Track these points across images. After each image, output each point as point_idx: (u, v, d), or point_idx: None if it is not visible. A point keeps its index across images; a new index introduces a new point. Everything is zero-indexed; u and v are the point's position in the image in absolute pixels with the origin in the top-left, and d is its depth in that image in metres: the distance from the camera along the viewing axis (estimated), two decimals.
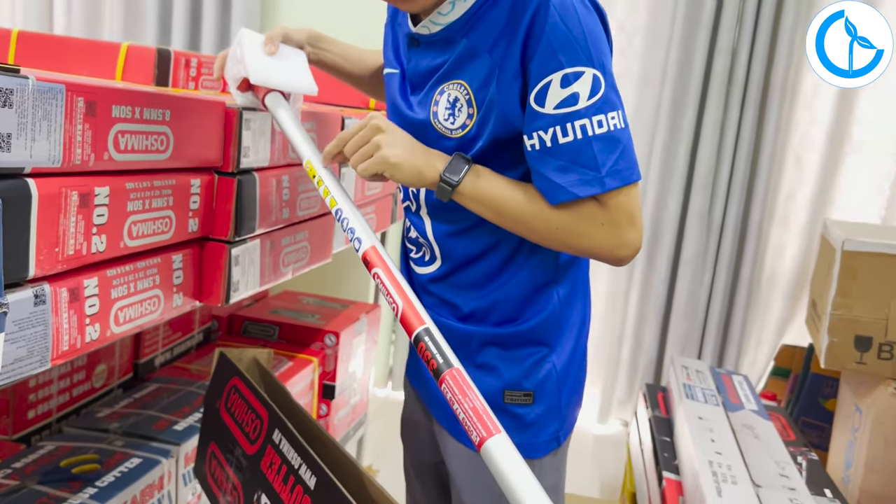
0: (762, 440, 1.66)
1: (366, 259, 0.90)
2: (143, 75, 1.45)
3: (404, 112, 1.03)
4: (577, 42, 0.87)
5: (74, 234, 0.74)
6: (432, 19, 0.98)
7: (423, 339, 0.80)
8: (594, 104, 0.87)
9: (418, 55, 1.01)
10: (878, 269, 1.90)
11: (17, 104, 0.64)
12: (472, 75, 0.93)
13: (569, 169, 0.88)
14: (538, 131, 0.89)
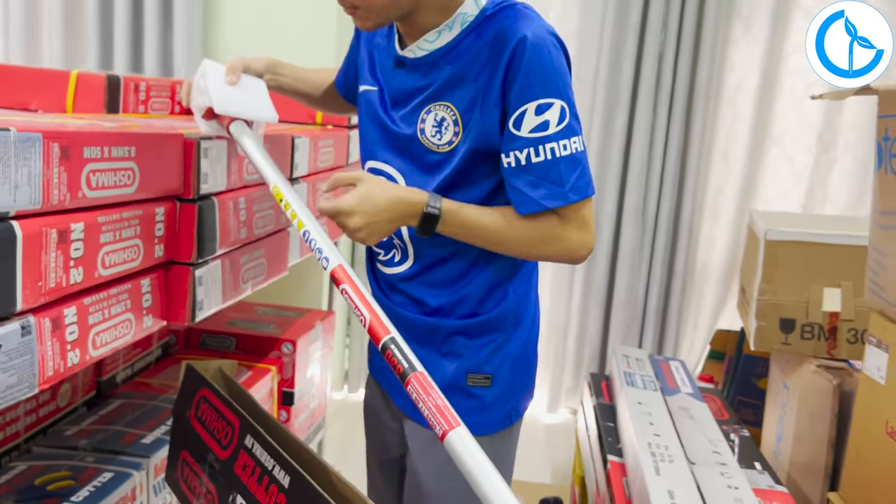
0: (697, 421, 1.79)
1: (334, 276, 0.99)
2: (94, 103, 1.49)
3: (389, 126, 1.15)
4: (549, 77, 1.03)
5: (55, 269, 0.80)
6: (419, 45, 1.11)
7: (390, 346, 0.90)
8: (561, 130, 1.04)
9: (403, 75, 1.13)
10: (798, 256, 2.05)
11: (1, 156, 0.71)
12: (459, 99, 1.07)
13: (539, 184, 1.05)
14: (514, 151, 1.05)
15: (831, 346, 2.03)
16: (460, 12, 1.08)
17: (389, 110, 1.16)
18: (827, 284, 2.05)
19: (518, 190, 1.06)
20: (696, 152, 2.71)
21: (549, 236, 1.08)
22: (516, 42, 1.02)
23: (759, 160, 2.78)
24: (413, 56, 1.12)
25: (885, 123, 1.41)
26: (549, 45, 1.04)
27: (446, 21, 1.08)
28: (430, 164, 1.11)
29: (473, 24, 1.08)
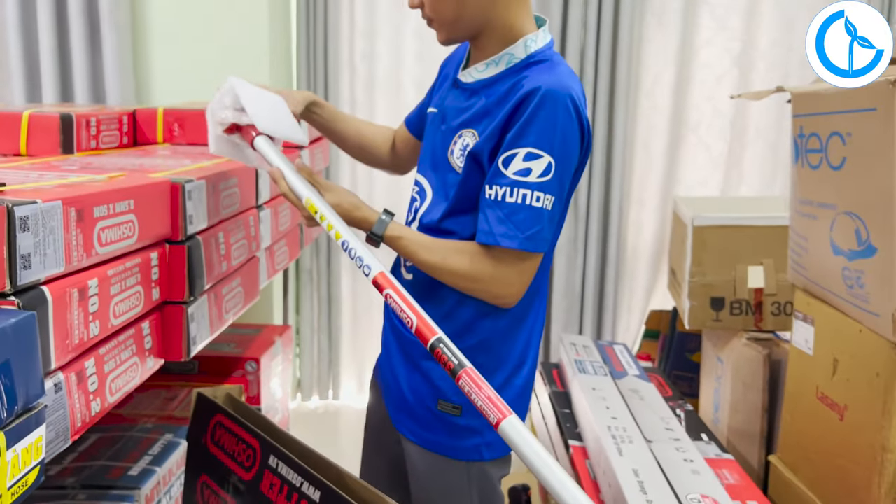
0: (647, 401, 1.93)
1: (376, 283, 1.07)
2: (48, 145, 1.50)
3: (436, 144, 1.28)
4: (548, 130, 1.12)
5: (77, 325, 0.84)
6: (470, 72, 1.25)
7: (438, 346, 0.98)
8: (540, 183, 1.12)
9: (454, 95, 1.28)
10: (724, 238, 2.22)
11: (32, 227, 0.75)
12: (483, 128, 1.19)
13: (505, 221, 1.13)
14: (496, 186, 1.14)
15: (758, 320, 2.21)
16: (508, 51, 1.20)
17: (441, 126, 1.28)
18: (750, 263, 2.23)
19: (487, 220, 1.15)
20: (620, 145, 2.87)
21: (481, 274, 1.16)
22: (531, 90, 1.12)
23: (678, 149, 2.96)
24: (464, 80, 1.26)
25: (800, 122, 1.57)
26: (561, 103, 1.12)
27: (496, 56, 1.21)
28: (449, 183, 1.24)
29: (518, 65, 1.20)
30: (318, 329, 3.07)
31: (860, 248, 1.37)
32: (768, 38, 2.86)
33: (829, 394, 1.52)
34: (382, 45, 2.89)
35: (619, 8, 2.76)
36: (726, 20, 2.85)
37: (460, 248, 1.19)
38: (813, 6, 2.81)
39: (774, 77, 2.87)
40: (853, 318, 1.42)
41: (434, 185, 1.28)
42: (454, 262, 1.17)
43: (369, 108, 2.94)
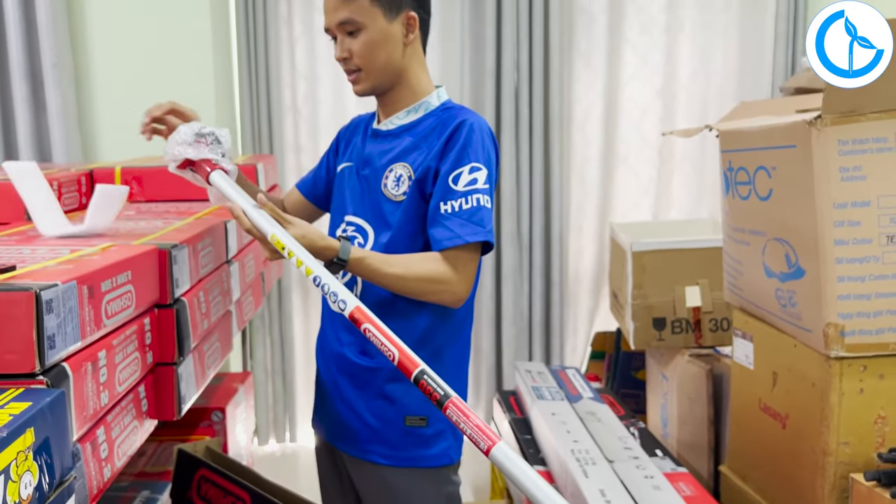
0: (603, 422, 2.04)
1: (353, 318, 1.13)
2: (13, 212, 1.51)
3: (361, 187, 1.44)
4: (481, 150, 1.36)
5: (91, 397, 0.88)
6: (391, 120, 1.44)
7: (422, 378, 1.05)
8: (485, 189, 1.35)
9: (374, 144, 1.45)
10: (661, 262, 2.36)
11: (55, 308, 0.79)
12: (413, 160, 1.38)
13: (466, 224, 1.32)
14: (451, 200, 1.33)
15: (698, 337, 2.36)
16: (425, 100, 1.43)
17: (361, 172, 1.45)
18: (687, 283, 2.37)
19: (448, 228, 1.32)
20: (557, 176, 3.01)
21: (444, 276, 1.32)
22: (460, 122, 1.37)
23: (611, 178, 3.12)
24: (385, 129, 1.45)
25: (728, 157, 1.71)
26: (485, 131, 1.39)
27: (414, 105, 1.43)
28: (387, 213, 1.39)
29: (434, 111, 1.43)
30: (272, 372, 3.09)
31: (790, 271, 1.51)
32: (687, 70, 3.06)
33: (771, 404, 1.65)
34: (324, 88, 2.97)
35: (548, 50, 2.92)
36: (647, 57, 3.04)
37: (420, 257, 1.34)
38: (726, 42, 3.04)
39: (695, 106, 3.07)
40: (788, 333, 1.56)
41: (372, 220, 1.42)
42: (418, 268, 1.32)
43: (314, 151, 3.00)
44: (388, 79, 1.40)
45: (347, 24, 1.36)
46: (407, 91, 1.43)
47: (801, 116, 1.45)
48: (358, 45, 1.36)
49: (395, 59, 1.39)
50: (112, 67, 2.55)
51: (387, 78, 1.40)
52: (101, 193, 1.22)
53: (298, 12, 2.92)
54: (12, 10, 2.37)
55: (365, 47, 1.36)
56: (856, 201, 1.37)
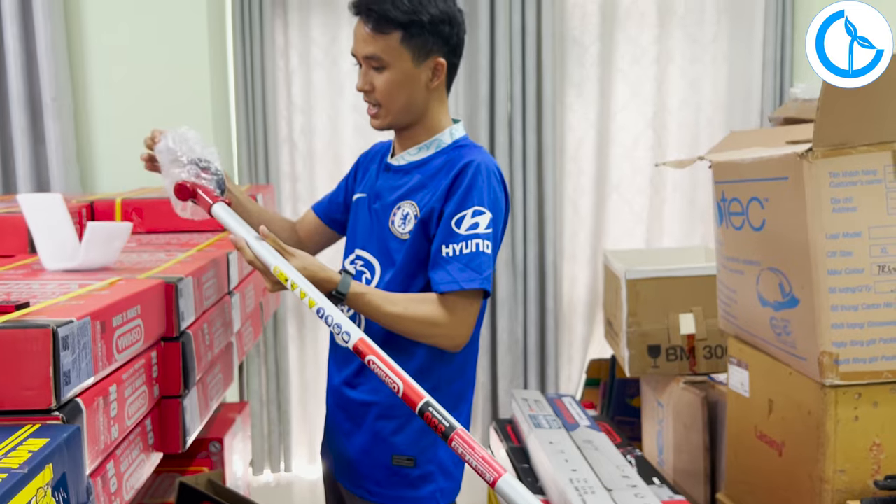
0: (601, 450, 2.05)
1: (357, 349, 1.13)
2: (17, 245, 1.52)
3: (371, 221, 1.45)
4: (486, 193, 1.35)
5: (103, 431, 0.89)
6: (402, 156, 1.46)
7: (427, 410, 1.05)
8: (487, 234, 1.34)
9: (387, 177, 1.47)
10: (655, 289, 2.38)
11: (71, 345, 0.80)
12: (421, 199, 1.39)
13: (465, 269, 1.32)
14: (453, 244, 1.33)
15: (692, 364, 2.38)
16: (437, 138, 1.44)
17: (373, 205, 1.46)
18: (681, 311, 2.40)
19: (447, 272, 1.32)
20: (550, 204, 3.04)
21: (441, 319, 1.32)
22: (466, 163, 1.36)
23: (604, 206, 3.16)
24: (397, 164, 1.46)
25: (721, 188, 1.75)
26: (490, 173, 1.38)
27: (426, 141, 1.43)
28: (394, 250, 1.40)
29: (445, 149, 1.43)
30: (268, 402, 3.08)
31: (784, 300, 1.54)
32: (677, 100, 3.12)
33: (767, 432, 1.67)
34: (320, 120, 3.00)
35: (541, 80, 2.97)
36: (638, 87, 3.10)
37: (420, 298, 1.34)
38: (715, 73, 3.10)
39: (685, 135, 3.12)
40: (783, 362, 1.58)
41: (378, 256, 1.43)
42: (416, 309, 1.32)
43: (309, 181, 3.03)
44: (408, 118, 1.41)
45: (373, 59, 1.36)
46: (424, 128, 1.43)
47: (792, 149, 1.48)
48: (381, 82, 1.37)
49: (417, 101, 1.39)
50: (111, 100, 2.58)
51: (406, 117, 1.41)
52: (92, 231, 1.24)
53: (295, 45, 2.96)
54: (13, 44, 2.39)
55: (388, 85, 1.36)
56: (847, 232, 1.40)
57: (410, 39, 1.35)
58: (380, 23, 1.34)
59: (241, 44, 2.82)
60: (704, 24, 3.07)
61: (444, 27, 1.37)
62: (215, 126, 2.67)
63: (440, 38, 1.37)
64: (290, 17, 2.95)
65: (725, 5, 3.07)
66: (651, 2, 3.05)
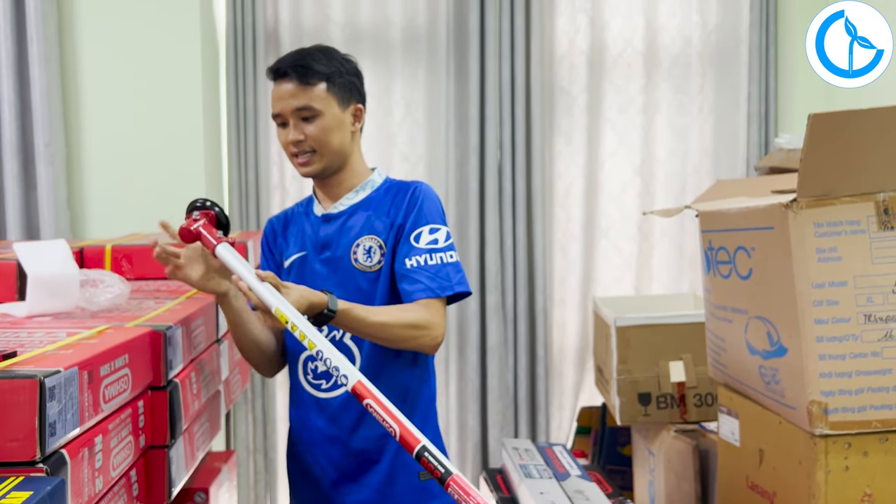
0: (592, 500, 2.02)
1: (356, 392, 1.14)
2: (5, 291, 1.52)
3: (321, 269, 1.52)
4: (436, 210, 1.53)
5: (87, 483, 0.88)
6: (341, 202, 1.55)
7: (424, 454, 1.05)
8: (446, 246, 1.50)
9: (328, 227, 1.55)
10: (645, 336, 2.38)
11: (57, 395, 0.80)
12: (380, 231, 1.51)
13: (435, 278, 1.46)
14: (416, 256, 1.47)
15: (683, 412, 2.37)
16: (370, 179, 1.58)
17: (320, 257, 1.54)
18: (671, 358, 2.39)
19: (418, 281, 1.45)
20: (540, 250, 3.06)
21: (425, 321, 1.43)
22: (415, 187, 1.54)
23: (593, 252, 3.18)
24: (337, 211, 1.55)
25: (709, 237, 1.77)
26: (432, 194, 1.56)
27: (360, 184, 1.56)
28: (363, 284, 1.50)
29: (381, 187, 1.57)
30: (254, 450, 3.04)
31: (773, 349, 1.54)
32: (664, 149, 3.16)
33: (759, 482, 1.66)
34: None
35: (530, 128, 3.01)
36: (626, 135, 3.15)
37: (399, 307, 1.46)
38: (702, 122, 3.15)
39: (672, 183, 3.16)
40: (773, 410, 1.58)
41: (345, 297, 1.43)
42: (401, 315, 1.42)
43: None
44: (338, 161, 1.52)
45: (305, 110, 1.47)
46: (350, 174, 1.56)
47: (777, 198, 1.50)
48: (314, 130, 1.48)
49: (345, 144, 1.52)
50: (103, 147, 2.59)
51: (336, 161, 1.52)
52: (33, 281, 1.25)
53: None
54: (7, 91, 2.42)
55: (321, 132, 1.48)
56: (833, 281, 1.42)
57: (334, 87, 1.50)
58: (306, 76, 1.48)
59: (235, 91, 2.85)
60: (690, 76, 3.13)
61: (356, 79, 1.56)
62: (207, 172, 2.69)
63: (355, 87, 1.55)
64: None
65: (711, 58, 3.14)
66: (638, 53, 3.12)
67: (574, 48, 3.10)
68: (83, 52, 2.59)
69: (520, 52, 2.97)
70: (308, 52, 1.52)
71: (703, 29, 3.12)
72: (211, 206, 1.40)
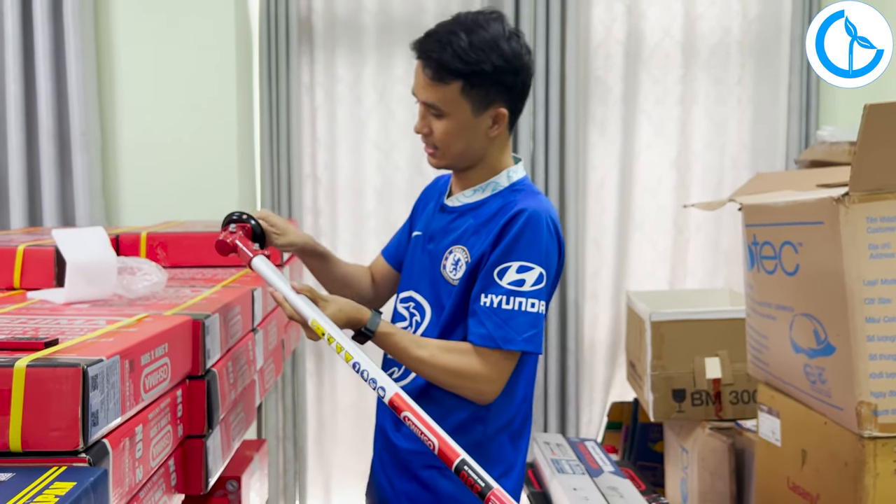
0: (626, 498, 2.00)
1: (393, 405, 1.11)
2: (43, 278, 1.52)
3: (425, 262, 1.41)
4: (535, 246, 1.28)
5: (128, 473, 0.87)
6: (458, 197, 1.41)
7: (463, 468, 1.03)
8: (533, 291, 1.27)
9: (441, 218, 1.43)
10: (681, 332, 2.34)
11: (100, 385, 0.79)
12: (472, 245, 1.34)
13: (502, 326, 1.26)
14: (492, 294, 1.28)
15: (718, 409, 2.32)
16: (494, 180, 1.39)
17: (427, 246, 1.43)
18: (707, 355, 2.35)
19: (483, 324, 1.28)
20: (572, 243, 3.02)
21: (469, 372, 1.27)
22: (517, 211, 1.29)
23: (627, 245, 3.13)
24: (452, 205, 1.42)
25: (753, 231, 1.72)
26: (543, 223, 1.30)
27: (482, 184, 1.39)
28: (444, 295, 1.36)
29: (502, 192, 1.38)
30: (284, 438, 3.04)
31: (819, 347, 1.50)
32: (701, 142, 3.10)
33: (801, 483, 1.62)
34: (343, 156, 3.01)
35: (564, 119, 2.97)
36: (662, 127, 3.09)
37: (450, 347, 1.30)
38: (741, 114, 3.09)
39: (710, 177, 3.10)
40: (818, 411, 1.54)
41: (430, 299, 1.39)
42: (443, 358, 1.27)
43: (331, 216, 3.03)
44: (464, 163, 1.38)
45: (432, 107, 1.32)
46: (482, 170, 1.39)
47: (826, 192, 1.46)
48: (439, 129, 1.33)
49: (475, 148, 1.35)
50: (138, 135, 2.60)
51: (462, 162, 1.38)
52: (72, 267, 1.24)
53: (321, 82, 2.99)
54: (44, 79, 2.42)
55: (445, 134, 1.33)
56: (886, 279, 1.37)
57: (471, 90, 1.29)
58: (439, 72, 1.29)
59: (268, 80, 2.84)
60: (729, 67, 3.07)
61: (507, 77, 1.31)
62: (240, 161, 2.69)
63: (503, 87, 1.32)
64: (317, 55, 2.98)
65: (751, 48, 3.07)
66: (676, 43, 3.06)
67: (610, 37, 3.05)
68: (118, 41, 2.59)
69: (555, 40, 2.92)
70: (451, 41, 1.28)
71: (744, 18, 3.05)
72: (247, 220, 1.39)
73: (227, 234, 1.36)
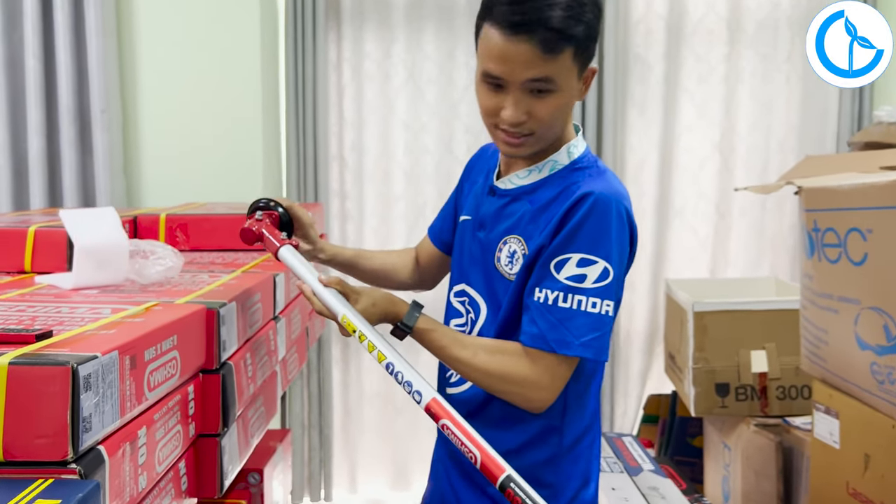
0: (668, 499, 1.88)
1: (430, 411, 1.00)
2: (55, 261, 1.44)
3: (475, 252, 1.23)
4: (600, 236, 1.08)
5: (128, 482, 0.78)
6: (510, 178, 1.20)
7: (509, 486, 0.92)
8: (596, 289, 1.08)
9: (491, 202, 1.22)
10: (725, 323, 2.22)
11: (93, 385, 0.69)
12: (529, 234, 1.15)
13: (558, 327, 1.08)
14: (547, 289, 1.09)
15: (764, 405, 2.20)
16: (552, 158, 1.17)
17: (478, 233, 1.24)
18: (753, 347, 2.22)
19: (536, 324, 1.10)
20: None
21: (516, 376, 1.10)
22: (582, 195, 1.09)
23: (666, 232, 2.99)
24: (503, 187, 1.21)
25: (813, 217, 1.59)
26: (613, 209, 1.10)
27: (538, 163, 1.17)
28: (500, 290, 1.18)
29: (562, 171, 1.16)
30: (309, 427, 2.97)
31: (890, 344, 1.37)
32: (746, 123, 2.94)
33: (863, 490, 1.49)
34: (370, 137, 2.91)
35: (602, 98, 2.83)
36: (705, 108, 2.94)
37: (497, 347, 1.13)
38: (788, 96, 2.92)
39: (755, 160, 2.95)
40: (885, 413, 1.41)
41: (485, 294, 1.22)
42: (486, 360, 1.11)
43: (358, 199, 2.93)
44: (549, 142, 1.16)
45: (542, 82, 1.08)
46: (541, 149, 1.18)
47: None
48: (545, 109, 1.10)
49: (563, 119, 1.15)
50: (160, 114, 2.53)
51: (549, 141, 1.16)
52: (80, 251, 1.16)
53: (348, 58, 2.88)
54: (64, 56, 2.36)
55: (553, 111, 1.10)
56: None
57: (582, 53, 1.09)
58: (554, 40, 1.05)
59: (294, 57, 2.74)
60: (777, 43, 2.90)
61: (598, 25, 1.12)
62: (265, 142, 2.60)
63: (595, 40, 1.13)
64: (344, 31, 2.87)
65: (800, 23, 2.89)
66: (720, 18, 2.90)
67: (651, 12, 2.89)
68: (140, 18, 2.51)
69: None
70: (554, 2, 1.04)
71: None
72: (274, 207, 1.27)
73: (252, 221, 1.25)
